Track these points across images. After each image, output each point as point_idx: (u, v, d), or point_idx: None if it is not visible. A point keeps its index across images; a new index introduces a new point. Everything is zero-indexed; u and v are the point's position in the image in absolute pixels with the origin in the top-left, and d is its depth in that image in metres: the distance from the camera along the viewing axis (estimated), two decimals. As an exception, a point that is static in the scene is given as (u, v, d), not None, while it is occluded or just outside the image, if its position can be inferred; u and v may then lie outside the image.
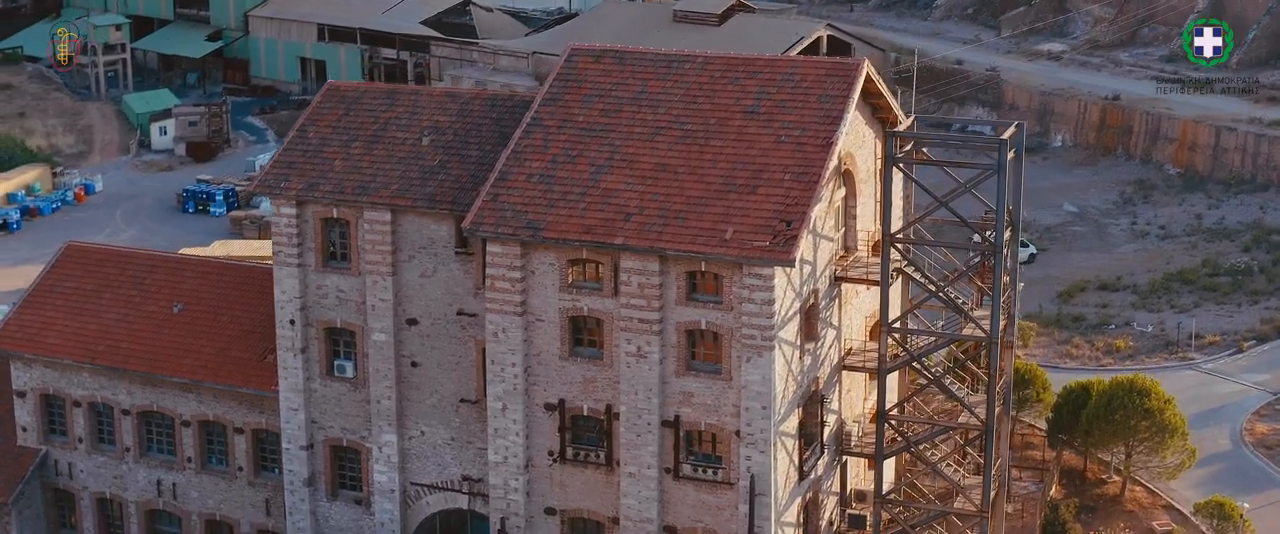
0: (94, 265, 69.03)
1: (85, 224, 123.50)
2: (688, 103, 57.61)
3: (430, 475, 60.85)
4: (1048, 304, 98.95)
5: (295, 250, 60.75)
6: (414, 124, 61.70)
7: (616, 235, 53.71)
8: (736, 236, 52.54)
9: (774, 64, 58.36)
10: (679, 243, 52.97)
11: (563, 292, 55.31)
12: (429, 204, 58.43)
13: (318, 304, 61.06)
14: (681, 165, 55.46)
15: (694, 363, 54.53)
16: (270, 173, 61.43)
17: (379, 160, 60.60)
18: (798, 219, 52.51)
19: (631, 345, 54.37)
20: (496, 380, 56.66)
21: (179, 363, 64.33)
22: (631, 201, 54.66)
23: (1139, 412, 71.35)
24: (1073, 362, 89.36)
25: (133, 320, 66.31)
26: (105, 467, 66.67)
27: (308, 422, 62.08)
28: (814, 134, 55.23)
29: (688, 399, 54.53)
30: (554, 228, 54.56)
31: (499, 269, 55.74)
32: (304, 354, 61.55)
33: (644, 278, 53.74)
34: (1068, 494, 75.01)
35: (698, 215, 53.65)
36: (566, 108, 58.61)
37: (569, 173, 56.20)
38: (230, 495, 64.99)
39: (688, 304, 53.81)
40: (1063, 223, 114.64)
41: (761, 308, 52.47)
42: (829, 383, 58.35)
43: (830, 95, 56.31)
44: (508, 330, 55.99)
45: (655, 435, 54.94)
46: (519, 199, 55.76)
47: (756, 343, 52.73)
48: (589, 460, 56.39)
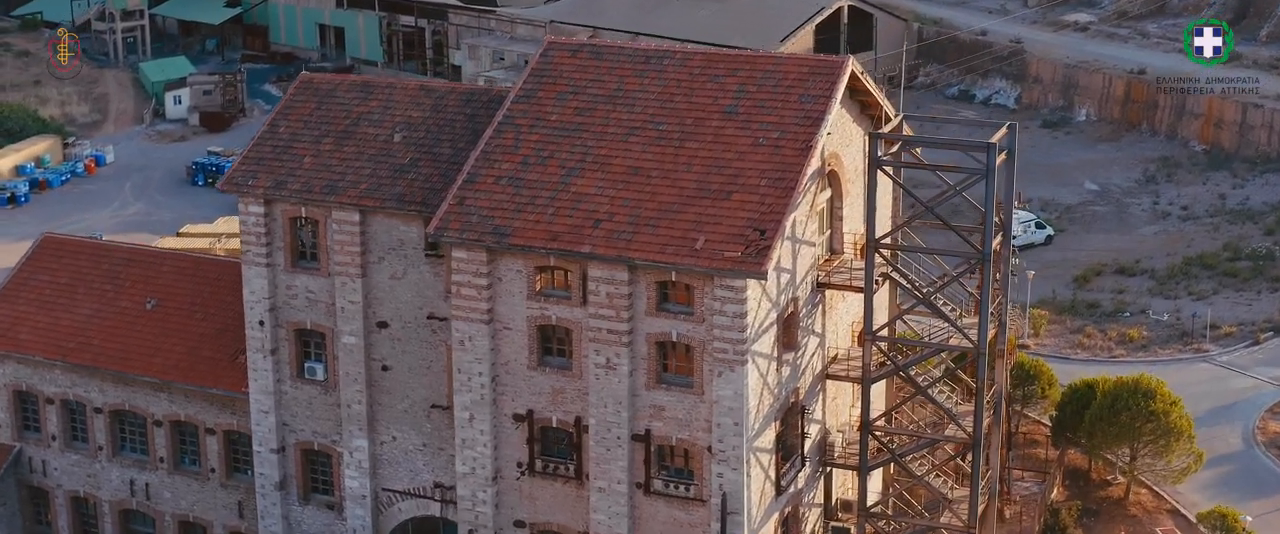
0: (70, 258, 67.23)
1: (94, 197, 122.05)
2: (664, 102, 55.11)
3: (402, 481, 58.90)
4: (1062, 289, 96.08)
5: (264, 250, 58.73)
6: (387, 119, 59.44)
7: (584, 243, 51.38)
8: (707, 246, 50.12)
9: (755, 61, 55.72)
10: (648, 252, 50.61)
11: (531, 299, 53.09)
12: (398, 205, 56.24)
13: (287, 305, 59.06)
14: (655, 168, 53.03)
15: (665, 375, 52.25)
16: (238, 169, 59.35)
17: (349, 157, 58.41)
18: (772, 228, 50.03)
19: (600, 357, 52.13)
20: (463, 390, 54.56)
21: (149, 362, 62.50)
22: (601, 206, 52.29)
23: (1143, 414, 68.62)
24: (1084, 352, 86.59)
25: (106, 316, 64.50)
26: (79, 465, 65.04)
27: (278, 424, 60.19)
28: (793, 137, 52.65)
29: (659, 413, 52.29)
30: (520, 234, 52.27)
31: (464, 276, 53.54)
32: (274, 356, 59.60)
33: (612, 287, 51.44)
34: (1070, 496, 72.45)
35: (669, 222, 51.25)
36: (540, 105, 56.23)
37: (539, 175, 53.85)
38: (203, 497, 63.25)
39: (658, 315, 51.51)
40: (1083, 202, 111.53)
41: (733, 321, 50.09)
42: (811, 392, 55.97)
43: (812, 95, 53.71)
44: (474, 339, 53.84)
45: (625, 450, 52.74)
46: (486, 203, 53.48)
47: (728, 357, 50.38)
48: (558, 473, 54.27)
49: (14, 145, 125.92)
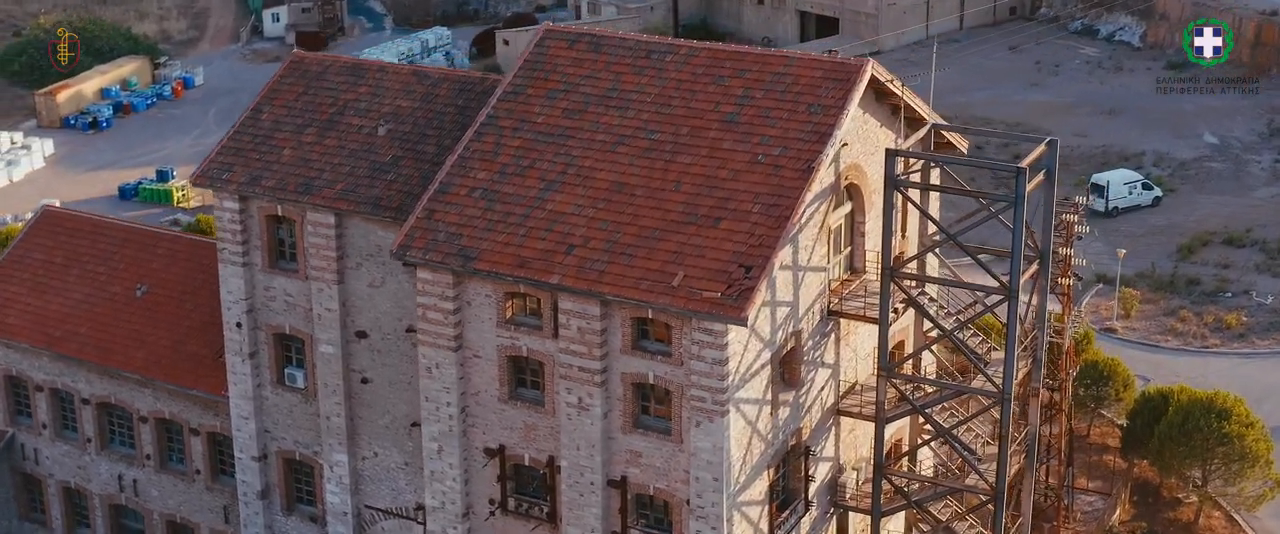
0: (66, 236, 63.11)
1: (177, 123, 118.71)
2: (661, 105, 48.83)
3: (384, 500, 54.14)
4: (1163, 261, 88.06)
5: (240, 248, 53.85)
6: (374, 108, 53.94)
7: (553, 272, 45.60)
8: (686, 283, 44.04)
9: (765, 61, 49.03)
10: (620, 286, 44.69)
11: (500, 327, 47.59)
12: (372, 210, 50.89)
13: (266, 307, 54.29)
14: (641, 185, 46.92)
15: (644, 418, 46.54)
16: (213, 161, 54.37)
17: (329, 152, 53.08)
18: (758, 266, 43.76)
19: (572, 395, 46.56)
20: (431, 419, 49.42)
21: (132, 355, 58.31)
22: (578, 229, 46.40)
23: (1216, 436, 61.45)
24: (1174, 339, 78.94)
25: (95, 302, 60.38)
26: (69, 456, 61.39)
27: (259, 431, 55.73)
28: (795, 155, 46.11)
29: (635, 459, 46.68)
30: (487, 258, 46.63)
31: (430, 298, 48.15)
32: (253, 360, 54.96)
33: (584, 322, 45.68)
34: (1137, 514, 65.61)
35: (647, 252, 45.21)
36: (527, 104, 50.28)
37: (515, 188, 48.06)
38: (189, 498, 59.22)
39: (634, 353, 45.68)
40: (1198, 157, 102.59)
41: (712, 368, 44.10)
42: (820, 430, 49.86)
43: (822, 105, 47.02)
44: (441, 366, 48.55)
45: (599, 496, 47.26)
46: (456, 218, 47.89)
47: (707, 406, 44.47)
48: (532, 514, 49.03)
49: (101, 66, 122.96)
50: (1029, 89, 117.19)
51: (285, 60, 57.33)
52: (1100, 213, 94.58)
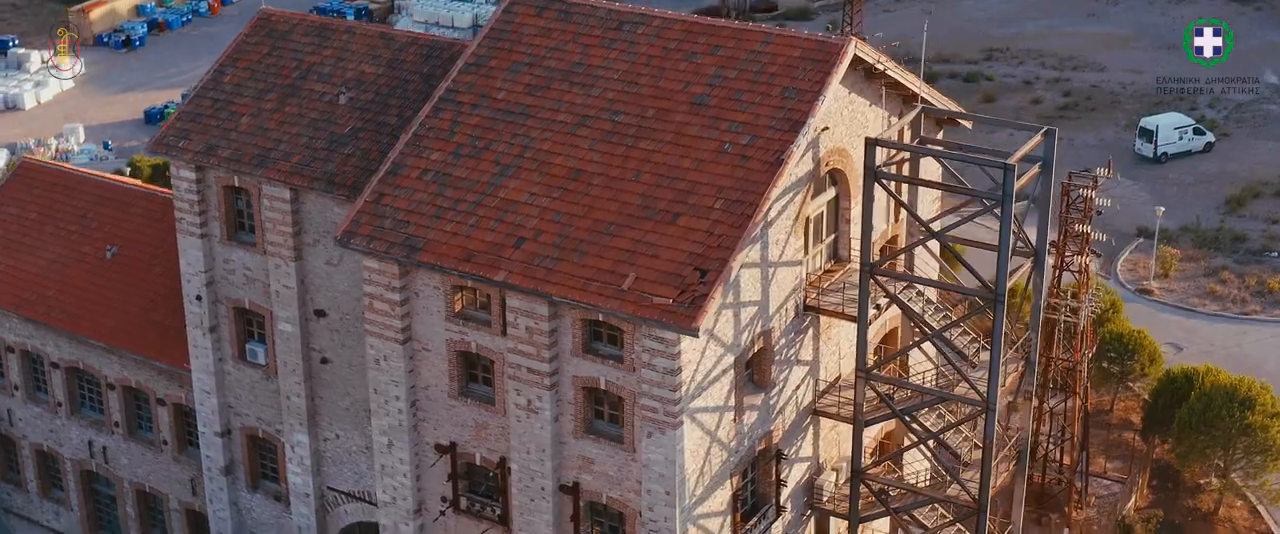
0: (43, 190, 60.48)
1: (212, 42, 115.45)
2: (628, 83, 45.01)
3: (347, 482, 51.45)
4: (1209, 214, 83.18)
5: (198, 219, 50.91)
6: (338, 73, 50.54)
7: (500, 268, 42.19)
8: (636, 287, 40.47)
9: (742, 37, 44.96)
10: (567, 287, 41.21)
11: (449, 321, 44.35)
12: (327, 186, 47.66)
13: (226, 280, 51.42)
14: (599, 173, 43.27)
15: (597, 423, 43.28)
16: (170, 128, 51.29)
17: (288, 120, 49.82)
18: (715, 270, 40.07)
19: (521, 397, 43.34)
20: (381, 413, 46.44)
21: (99, 322, 55.76)
22: (529, 220, 42.89)
23: (1238, 426, 57.27)
24: (1213, 304, 74.37)
25: (66, 263, 57.80)
26: (41, 418, 59.21)
27: (221, 406, 53.11)
28: (764, 144, 42.21)
29: (588, 465, 43.49)
30: (432, 249, 43.29)
31: (377, 288, 44.96)
32: (214, 334, 52.21)
33: (532, 322, 42.33)
34: (1154, 501, 61.74)
35: (599, 249, 41.65)
36: (489, 78, 46.63)
37: (468, 172, 44.57)
38: (157, 468, 56.88)
39: (586, 357, 42.31)
40: (1256, 100, 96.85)
41: (664, 377, 40.64)
42: (795, 430, 46.36)
43: (797, 90, 42.99)
44: (389, 359, 45.47)
45: (550, 502, 44.18)
46: (405, 204, 44.52)
47: (658, 417, 41.08)
48: (485, 515, 46.08)
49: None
50: (1085, 19, 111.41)
51: (253, 18, 53.95)
52: (1148, 158, 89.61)
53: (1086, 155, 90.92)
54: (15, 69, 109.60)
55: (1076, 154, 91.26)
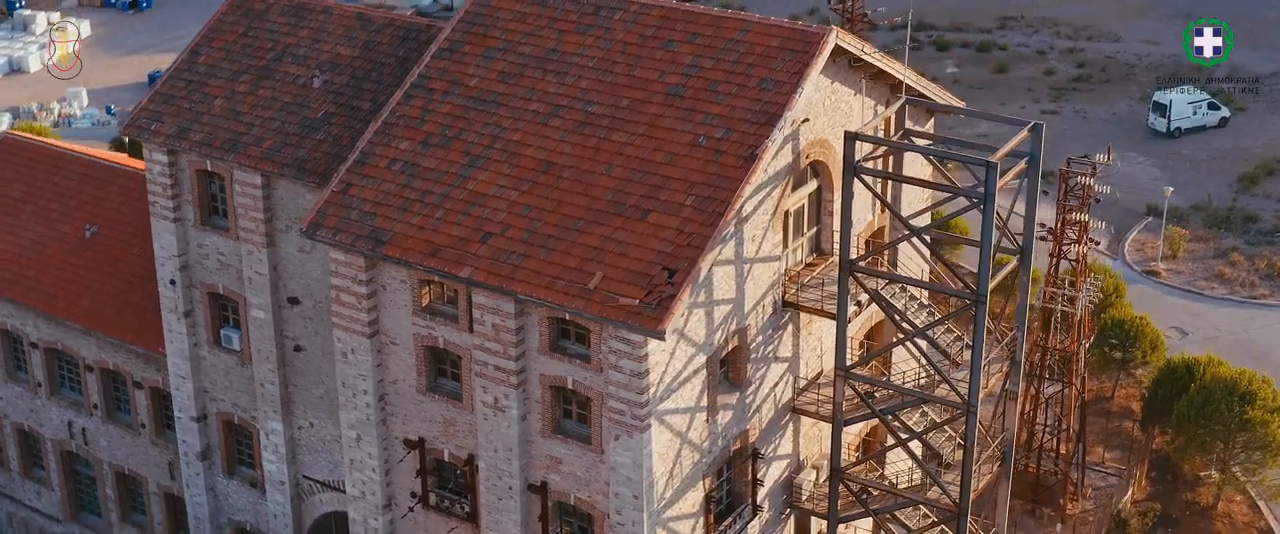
0: (25, 167, 59.42)
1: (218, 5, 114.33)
2: (602, 71, 43.57)
3: (322, 471, 50.43)
4: (1222, 192, 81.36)
5: (171, 203, 49.80)
6: (313, 55, 49.23)
7: (465, 264, 40.92)
8: (602, 287, 39.16)
9: (720, 24, 43.41)
10: (533, 285, 39.92)
11: (417, 315, 43.16)
12: (297, 173, 46.43)
13: (200, 265, 50.34)
14: (570, 166, 41.90)
15: (565, 423, 42.09)
16: (143, 109, 50.11)
17: (261, 104, 48.58)
18: (684, 271, 38.72)
19: (488, 395, 42.16)
20: (349, 406, 45.35)
21: (75, 303, 54.75)
22: (497, 214, 41.58)
23: (1238, 422, 55.76)
24: (1221, 287, 72.70)
25: (46, 243, 56.78)
26: (22, 398, 58.34)
27: (197, 391, 52.12)
28: (739, 139, 40.76)
29: (556, 465, 42.32)
30: (398, 243, 42.04)
31: (343, 281, 43.79)
32: (189, 319, 51.17)
33: (498, 319, 41.09)
34: (1152, 493, 60.36)
35: (567, 245, 40.33)
36: (461, 64, 45.26)
37: (437, 162, 43.27)
38: (136, 451, 55.99)
39: (553, 355, 41.07)
40: (1276, 71, 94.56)
41: (630, 379, 39.38)
42: (774, 428, 45.08)
43: (774, 81, 41.49)
44: (357, 352, 44.34)
45: (518, 501, 43.05)
46: (372, 194, 43.27)
47: (625, 420, 39.86)
48: (454, 512, 45.01)
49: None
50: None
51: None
52: (1161, 133, 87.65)
53: (1099, 129, 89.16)
54: (21, 31, 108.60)
55: (1089, 128, 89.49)
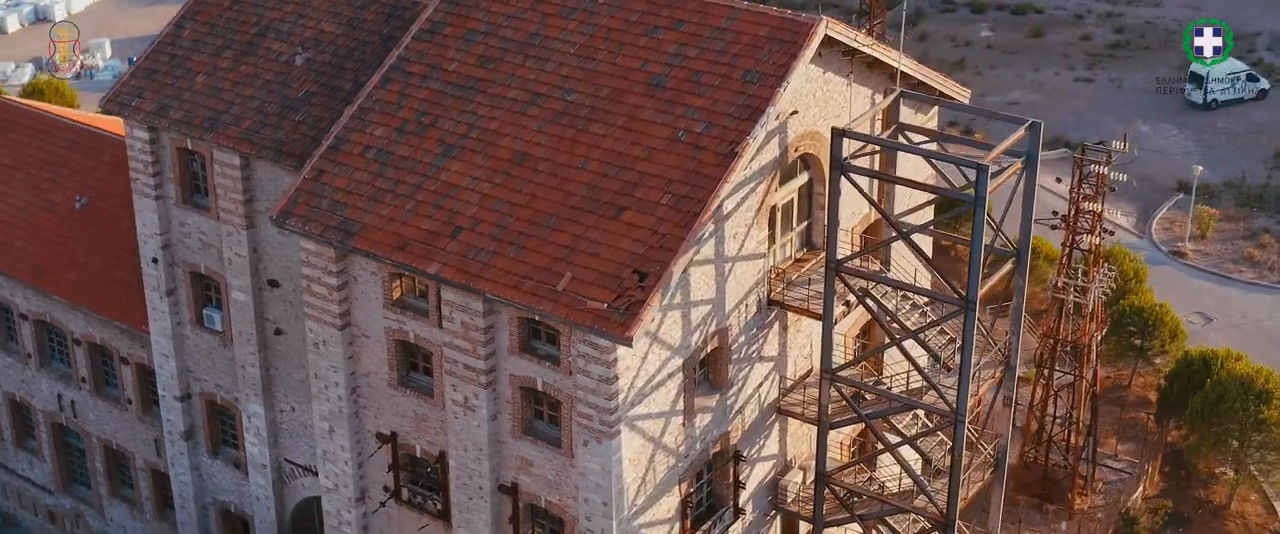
0: (16, 132, 58.21)
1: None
2: (584, 58, 41.76)
3: (304, 456, 49.22)
4: (1255, 168, 78.66)
5: (153, 180, 48.52)
6: (297, 31, 47.65)
7: (433, 260, 39.37)
8: (571, 289, 37.52)
9: (707, 10, 41.45)
10: (501, 284, 38.32)
11: (388, 309, 41.71)
12: (275, 155, 44.96)
13: (181, 244, 49.08)
14: (545, 158, 40.20)
15: (536, 424, 40.60)
16: (125, 84, 48.77)
17: (243, 81, 47.09)
18: (655, 273, 37.01)
19: (458, 394, 40.71)
20: (321, 398, 44.05)
21: (62, 277, 53.67)
22: (469, 207, 39.98)
23: (1253, 421, 53.67)
24: (1249, 270, 70.29)
25: (34, 212, 55.69)
26: (13, 368, 57.45)
27: (180, 370, 50.99)
28: (719, 135, 38.91)
29: (526, 467, 40.88)
30: (367, 235, 40.53)
31: (314, 271, 42.38)
32: (171, 298, 49.98)
33: (467, 317, 39.56)
34: (1165, 489, 58.39)
35: (538, 243, 38.68)
36: (442, 47, 43.56)
37: (411, 150, 41.67)
38: (123, 426, 55.01)
39: (523, 355, 39.53)
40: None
41: (599, 385, 37.82)
42: (757, 429, 43.45)
43: (759, 73, 39.55)
44: (328, 344, 42.98)
45: (489, 501, 41.67)
46: (345, 182, 41.75)
47: (594, 426, 38.34)
48: (426, 508, 43.71)
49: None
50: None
51: (216, -34, 50.98)
52: (1197, 105, 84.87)
53: (1134, 99, 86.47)
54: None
55: (1124, 98, 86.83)
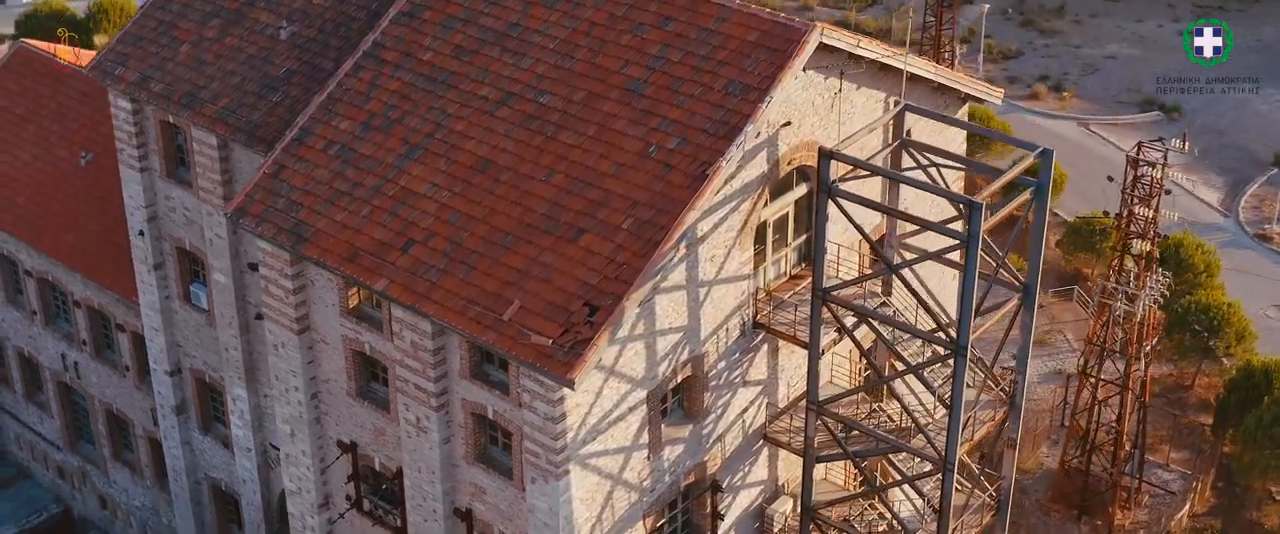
0: (33, 81, 56.37)
1: None
2: (563, 56, 38.26)
3: (287, 443, 47.14)
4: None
5: (137, 152, 46.24)
6: (285, 1, 44.76)
7: (382, 274, 36.45)
8: (517, 319, 34.39)
9: (696, 9, 37.58)
10: (446, 307, 35.28)
11: (344, 317, 39.00)
12: (248, 139, 42.26)
13: (167, 218, 46.86)
14: (509, 166, 36.94)
15: (490, 450, 37.76)
16: (110, 50, 46.29)
17: (226, 54, 44.36)
18: (606, 308, 33.73)
19: (410, 413, 37.99)
20: (282, 401, 41.61)
21: (61, 238, 51.87)
22: (424, 217, 36.93)
23: (1311, 447, 49.18)
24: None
25: (40, 167, 53.86)
26: (21, 323, 56.05)
27: (170, 345, 49.00)
28: (692, 153, 35.29)
29: (480, 493, 38.11)
30: (319, 241, 37.69)
31: (271, 272, 39.76)
32: (159, 271, 47.87)
33: (416, 337, 36.69)
34: (1215, 506, 54.16)
35: (491, 263, 35.55)
36: (418, 33, 40.33)
37: (374, 149, 38.65)
38: (123, 392, 53.34)
39: (474, 381, 36.62)
40: None
41: (545, 423, 34.82)
42: (739, 457, 40.18)
43: (742, 85, 35.80)
44: (287, 348, 40.43)
45: (442, 524, 39.00)
46: (303, 180, 38.91)
47: (541, 465, 35.40)
48: (386, 522, 41.24)
49: None
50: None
51: (211, -74, 48.04)
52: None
53: (1239, 59, 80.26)
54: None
55: (1233, 57, 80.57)
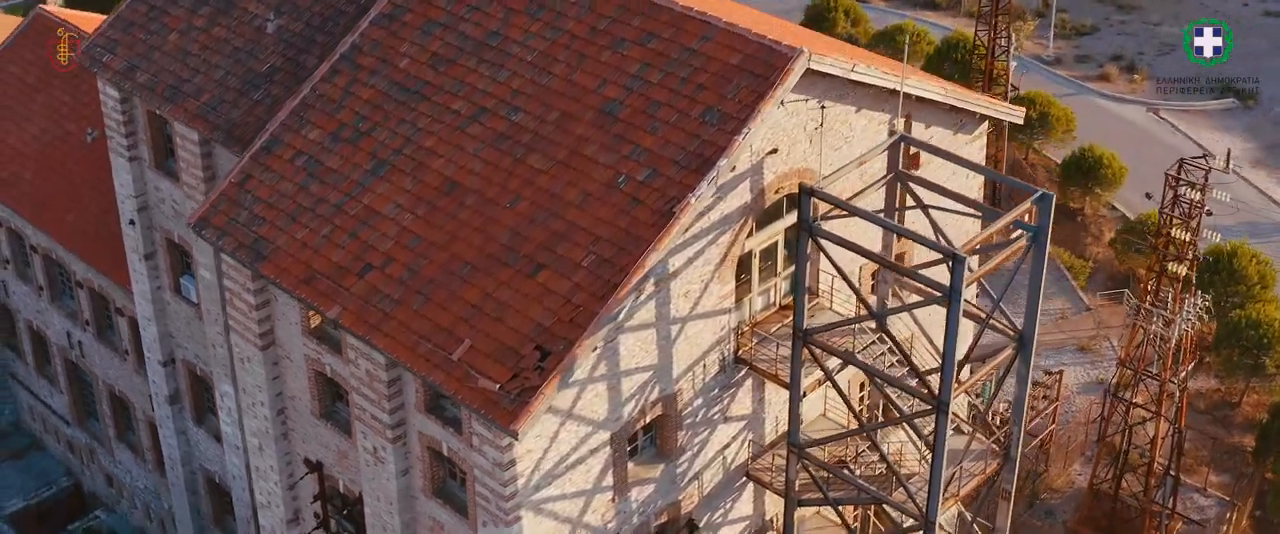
0: (49, 50, 54.97)
1: None
2: (540, 70, 35.92)
3: (274, 442, 45.68)
4: None
5: (126, 141, 44.69)
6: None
7: (336, 300, 34.54)
8: (466, 359, 32.35)
9: (681, 26, 34.98)
10: (397, 341, 33.28)
11: (306, 336, 37.24)
12: (226, 138, 40.46)
13: (157, 208, 45.35)
14: (475, 189, 34.79)
15: (449, 485, 35.90)
16: (101, 35, 44.63)
17: (213, 45, 42.52)
18: (557, 354, 31.59)
19: (368, 442, 36.21)
20: (249, 415, 40.06)
21: (62, 218, 50.65)
22: (384, 241, 34.92)
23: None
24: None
25: (47, 141, 52.60)
26: (30, 298, 55.10)
27: (163, 335, 47.67)
28: (662, 186, 32.88)
29: (438, 528, 36.32)
30: (277, 260, 35.84)
31: (234, 285, 38.06)
32: (150, 261, 46.45)
33: (371, 367, 34.82)
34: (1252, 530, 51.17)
35: (445, 296, 33.50)
36: (397, 39, 38.16)
37: (340, 162, 36.66)
38: (123, 374, 52.23)
39: (430, 415, 34.71)
40: None
41: (494, 469, 32.87)
42: (718, 495, 38.00)
43: (720, 112, 33.28)
44: (251, 362, 38.79)
45: (403, 556, 37.42)
46: (268, 193, 37.03)
47: (491, 510, 33.49)
48: (352, 543, 39.72)
49: None
50: None
51: (208, -94, 46.04)
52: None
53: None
54: None
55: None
